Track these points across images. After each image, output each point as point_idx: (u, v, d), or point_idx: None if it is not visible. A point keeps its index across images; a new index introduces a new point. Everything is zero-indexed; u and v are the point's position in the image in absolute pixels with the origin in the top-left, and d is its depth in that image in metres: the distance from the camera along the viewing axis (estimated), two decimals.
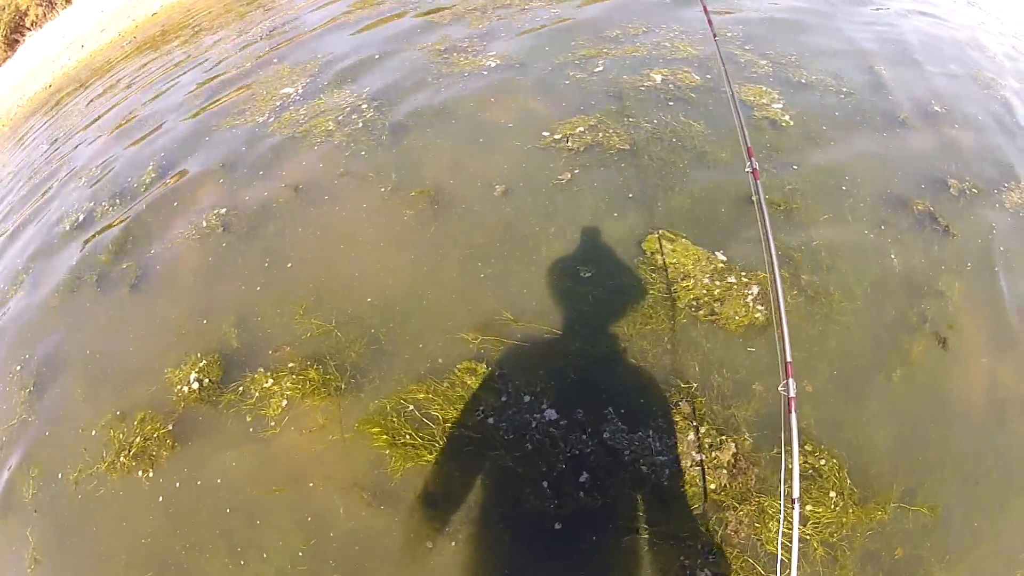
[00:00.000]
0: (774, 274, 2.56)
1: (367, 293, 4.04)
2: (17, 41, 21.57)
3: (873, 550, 2.90)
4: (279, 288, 4.24)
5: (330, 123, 5.69)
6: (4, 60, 20.92)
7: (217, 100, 7.25)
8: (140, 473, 3.59)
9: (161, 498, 3.48)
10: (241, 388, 3.73)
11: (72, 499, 3.67)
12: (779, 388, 2.42)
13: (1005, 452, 3.26)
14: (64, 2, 21.96)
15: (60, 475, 3.80)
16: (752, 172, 2.97)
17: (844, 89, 5.42)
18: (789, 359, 2.44)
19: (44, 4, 22.43)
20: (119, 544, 3.41)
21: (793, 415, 2.35)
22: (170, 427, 3.71)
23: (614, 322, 3.61)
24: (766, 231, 2.70)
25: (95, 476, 3.70)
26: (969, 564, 2.93)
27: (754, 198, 2.86)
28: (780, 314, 2.49)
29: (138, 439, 3.71)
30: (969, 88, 5.79)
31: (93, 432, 3.89)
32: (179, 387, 3.86)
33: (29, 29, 21.87)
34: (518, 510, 3.03)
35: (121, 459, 3.67)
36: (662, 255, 3.89)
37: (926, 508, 3.01)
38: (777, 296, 2.53)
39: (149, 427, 3.74)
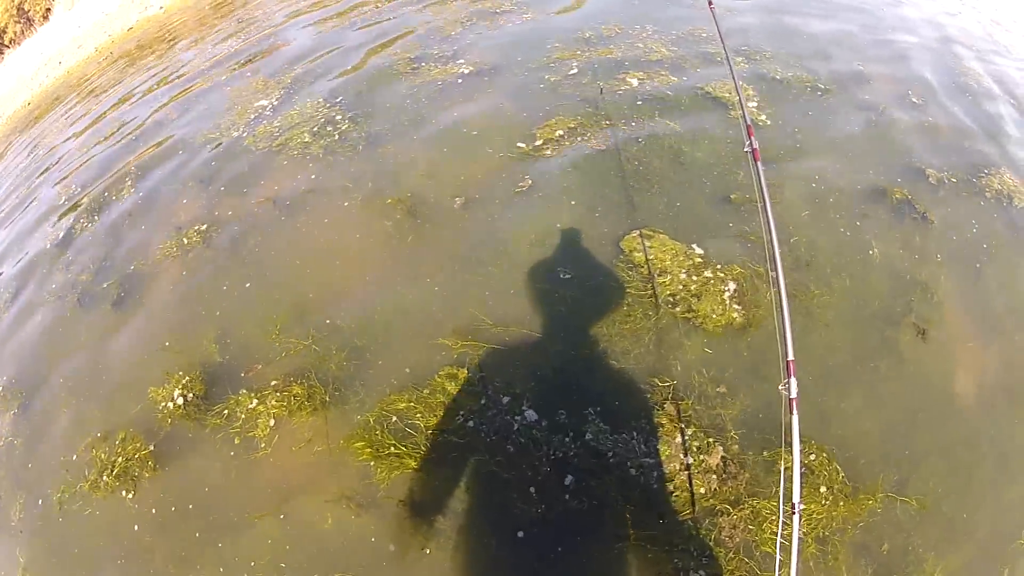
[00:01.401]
0: (775, 262, 2.41)
1: (347, 304, 4.01)
2: None
3: (865, 542, 2.89)
4: (260, 302, 4.20)
5: (306, 135, 5.66)
6: None
7: (192, 114, 7.19)
8: (124, 493, 3.55)
9: (146, 516, 3.43)
10: (226, 411, 3.67)
11: (55, 520, 3.62)
12: (779, 388, 2.29)
13: (995, 441, 3.27)
14: (42, 19, 21.81)
15: (40, 501, 3.74)
16: (752, 152, 2.72)
17: (821, 85, 5.44)
18: (791, 357, 2.29)
19: (22, 22, 22.28)
20: (110, 563, 3.37)
21: (795, 416, 2.22)
22: (152, 447, 3.67)
23: (594, 323, 3.59)
24: (767, 216, 2.51)
25: (80, 496, 3.65)
26: (962, 554, 2.93)
27: (754, 180, 2.66)
28: (782, 310, 2.34)
29: (120, 459, 3.66)
30: (948, 79, 5.83)
31: (74, 456, 3.84)
32: (163, 404, 3.81)
33: (7, 47, 21.71)
34: (506, 515, 3.02)
35: (104, 479, 3.62)
36: (644, 253, 3.88)
37: (914, 501, 3.00)
38: (780, 290, 2.39)
39: (131, 447, 3.69)
